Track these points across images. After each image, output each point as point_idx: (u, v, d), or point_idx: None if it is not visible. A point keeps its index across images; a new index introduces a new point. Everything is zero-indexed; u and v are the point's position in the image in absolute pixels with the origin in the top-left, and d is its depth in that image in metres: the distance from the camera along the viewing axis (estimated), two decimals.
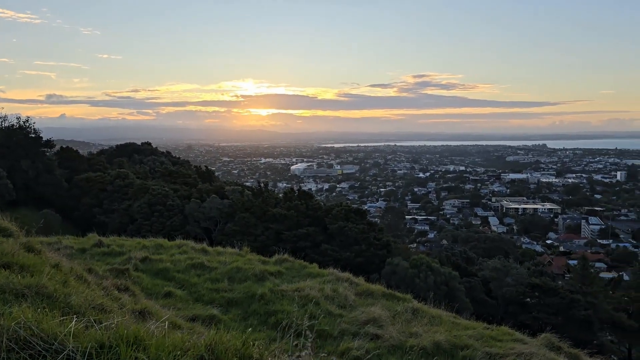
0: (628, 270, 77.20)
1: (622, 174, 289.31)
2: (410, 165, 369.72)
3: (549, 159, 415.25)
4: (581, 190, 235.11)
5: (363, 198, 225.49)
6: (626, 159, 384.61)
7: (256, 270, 13.38)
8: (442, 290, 32.68)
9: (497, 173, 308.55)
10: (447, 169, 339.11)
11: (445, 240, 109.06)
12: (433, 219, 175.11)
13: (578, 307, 39.25)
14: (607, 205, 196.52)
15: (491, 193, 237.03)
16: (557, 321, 36.50)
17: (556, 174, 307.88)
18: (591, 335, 38.43)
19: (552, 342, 9.87)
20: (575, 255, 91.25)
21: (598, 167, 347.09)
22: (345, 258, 38.08)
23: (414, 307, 11.47)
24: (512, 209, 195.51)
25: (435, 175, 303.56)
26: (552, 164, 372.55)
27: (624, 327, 41.28)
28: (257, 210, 45.21)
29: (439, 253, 54.37)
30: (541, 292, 41.23)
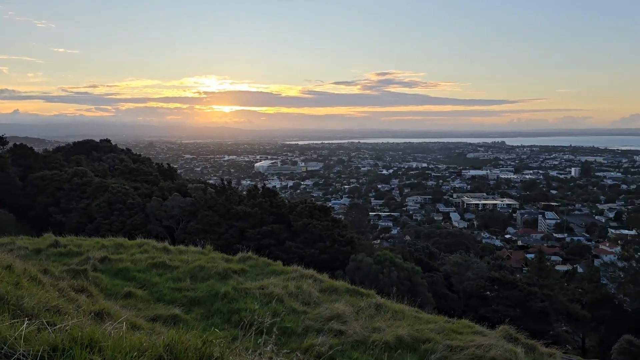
0: (582, 262, 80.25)
1: (576, 170, 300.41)
2: (374, 162, 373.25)
3: (508, 155, 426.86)
4: (538, 186, 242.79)
5: (327, 195, 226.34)
6: (580, 156, 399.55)
7: (219, 269, 13.23)
8: (405, 285, 33.12)
9: (458, 170, 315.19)
10: (410, 166, 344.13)
11: (409, 236, 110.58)
12: (396, 215, 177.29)
13: (535, 299, 40.53)
14: (562, 201, 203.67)
15: (452, 189, 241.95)
16: (515, 313, 37.60)
17: (514, 171, 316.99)
18: (547, 326, 39.75)
19: (510, 334, 10.14)
20: (532, 249, 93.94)
21: (554, 163, 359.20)
22: (309, 255, 38.13)
23: (378, 303, 11.58)
24: (473, 204, 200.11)
25: (399, 172, 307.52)
26: (510, 161, 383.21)
27: (578, 317, 42.88)
28: (220, 208, 44.72)
29: (402, 249, 55.09)
30: (500, 285, 42.37)
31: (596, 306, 44.32)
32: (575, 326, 45.64)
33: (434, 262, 51.05)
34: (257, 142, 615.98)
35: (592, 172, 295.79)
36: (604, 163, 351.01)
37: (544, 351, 9.89)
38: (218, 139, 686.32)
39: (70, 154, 73.86)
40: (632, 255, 47.60)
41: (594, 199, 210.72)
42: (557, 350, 10.60)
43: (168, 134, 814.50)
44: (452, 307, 36.82)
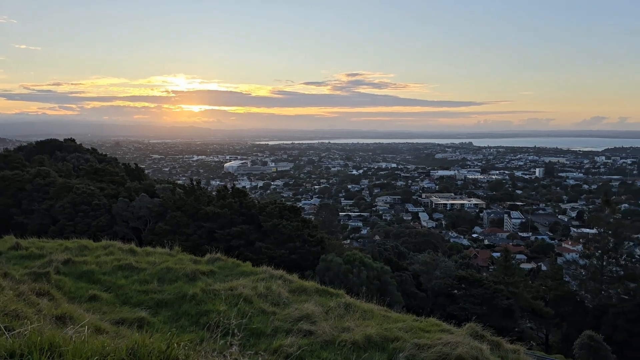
0: (545, 261, 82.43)
1: (540, 171, 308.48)
2: (344, 163, 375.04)
3: (475, 156, 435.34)
4: (504, 186, 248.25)
5: (297, 195, 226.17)
6: (544, 157, 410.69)
7: (187, 270, 13.06)
8: (374, 284, 33.37)
9: (426, 170, 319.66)
10: (380, 166, 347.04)
11: (378, 235, 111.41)
12: (366, 215, 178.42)
13: (501, 297, 41.40)
14: (527, 200, 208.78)
15: (421, 189, 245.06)
16: (482, 311, 38.32)
17: (481, 171, 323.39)
18: (512, 323, 40.67)
19: (476, 331, 10.31)
20: (498, 248, 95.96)
21: (519, 164, 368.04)
22: (279, 255, 38.00)
23: (347, 302, 11.63)
24: (441, 204, 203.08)
25: (368, 173, 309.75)
26: (477, 161, 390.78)
27: (542, 314, 44.02)
28: (189, 209, 44.14)
29: (372, 248, 55.48)
30: (467, 283, 43.12)
31: (559, 303, 45.59)
32: (539, 323, 46.82)
33: (403, 262, 51.56)
34: (226, 142, 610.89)
35: (555, 172, 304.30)
36: (567, 164, 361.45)
37: (508, 348, 10.09)
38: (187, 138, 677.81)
39: (32, 153, 71.65)
40: (592, 254, 49.10)
41: (557, 199, 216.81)
42: (521, 346, 10.84)
43: (135, 133, 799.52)
44: (420, 306, 37.30)
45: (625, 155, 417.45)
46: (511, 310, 40.89)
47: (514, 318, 41.52)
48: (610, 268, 48.40)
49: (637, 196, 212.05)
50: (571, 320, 43.97)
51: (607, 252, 48.01)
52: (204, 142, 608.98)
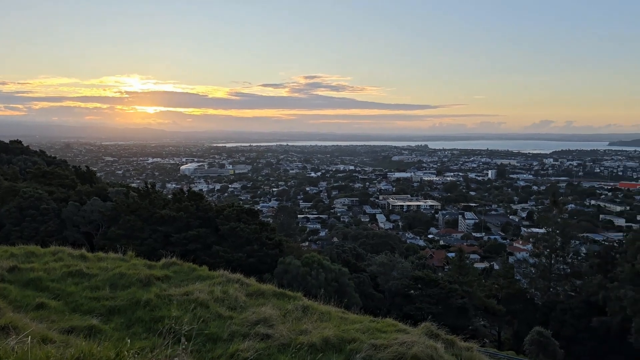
0: (498, 260, 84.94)
1: (492, 173, 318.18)
2: (302, 165, 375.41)
3: (430, 158, 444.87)
4: (458, 187, 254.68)
5: (256, 198, 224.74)
6: (496, 159, 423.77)
7: (141, 276, 12.73)
8: (332, 286, 33.51)
9: (384, 172, 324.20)
10: (338, 169, 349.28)
11: (336, 237, 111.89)
12: (324, 218, 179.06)
13: (455, 296, 42.41)
14: (480, 201, 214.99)
15: (379, 191, 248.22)
16: (437, 310, 39.14)
17: (436, 173, 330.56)
18: (467, 321, 41.71)
19: (432, 330, 10.50)
20: (453, 248, 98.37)
21: (472, 166, 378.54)
22: (237, 259, 37.62)
23: (305, 305, 11.61)
24: (398, 206, 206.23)
25: (327, 175, 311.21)
26: (433, 164, 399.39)
27: (495, 312, 45.37)
28: (143, 213, 43.07)
29: (330, 250, 55.72)
30: (423, 283, 43.96)
31: (510, 301, 47.08)
32: (492, 320, 48.22)
33: (361, 263, 52.01)
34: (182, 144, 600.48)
35: (506, 174, 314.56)
36: (517, 166, 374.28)
37: (462, 345, 10.32)
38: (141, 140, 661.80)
39: None
40: (541, 253, 50.95)
41: (508, 200, 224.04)
42: (474, 344, 11.10)
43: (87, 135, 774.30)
44: (378, 307, 37.70)
45: (572, 158, 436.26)
46: (465, 308, 41.92)
47: (468, 316, 42.60)
48: (558, 266, 50.35)
49: (582, 197, 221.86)
50: (522, 317, 45.46)
51: (555, 251, 49.93)
52: (160, 144, 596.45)
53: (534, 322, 40.59)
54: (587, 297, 43.48)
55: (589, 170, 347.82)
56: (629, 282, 38.69)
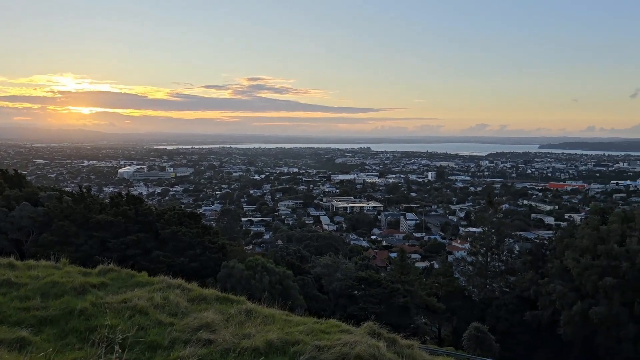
0: (438, 259, 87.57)
1: (432, 174, 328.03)
2: (246, 168, 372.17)
3: (373, 161, 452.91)
4: (400, 189, 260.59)
5: (198, 201, 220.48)
6: (435, 161, 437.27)
7: (76, 284, 12.19)
8: (276, 289, 33.39)
9: (327, 174, 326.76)
10: (282, 171, 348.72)
11: (281, 240, 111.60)
12: (269, 220, 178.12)
13: (398, 296, 43.30)
14: (421, 202, 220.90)
15: (323, 193, 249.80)
16: (380, 309, 39.82)
17: (379, 175, 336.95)
18: (408, 320, 42.69)
19: (374, 330, 10.69)
20: (395, 248, 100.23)
21: (413, 168, 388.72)
22: (179, 264, 36.73)
23: (248, 309, 11.52)
24: (342, 207, 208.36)
25: (271, 177, 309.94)
26: (375, 166, 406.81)
27: (435, 309, 46.69)
28: (78, 218, 41.19)
29: (275, 253, 55.48)
30: (367, 284, 44.60)
31: (450, 298, 48.62)
32: (433, 318, 49.59)
33: (305, 265, 52.11)
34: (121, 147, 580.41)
35: (445, 175, 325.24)
36: (455, 167, 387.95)
37: (403, 343, 10.57)
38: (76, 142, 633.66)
39: None
40: (478, 251, 52.93)
41: (447, 200, 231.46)
42: (415, 341, 11.40)
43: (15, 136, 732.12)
44: (322, 308, 37.92)
45: (506, 160, 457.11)
46: (407, 307, 42.89)
47: (410, 315, 43.61)
48: (494, 264, 52.50)
49: (515, 197, 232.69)
50: (460, 314, 47.03)
51: (491, 249, 52.03)
52: (96, 146, 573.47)
53: (472, 318, 42.08)
54: (520, 293, 45.58)
55: (522, 172, 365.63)
56: (558, 277, 40.93)
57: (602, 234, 39.37)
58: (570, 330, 38.48)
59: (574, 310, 37.96)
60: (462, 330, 39.11)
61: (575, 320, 38.03)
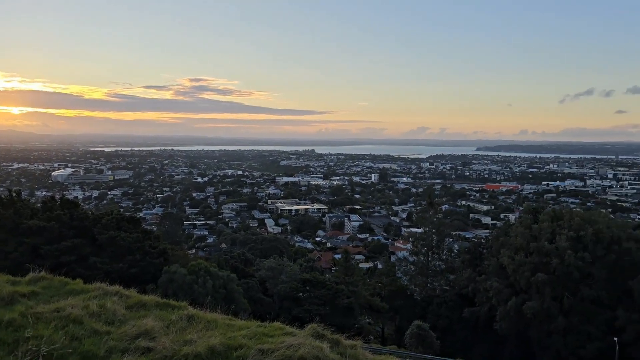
0: (381, 259, 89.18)
1: (375, 176, 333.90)
2: (189, 170, 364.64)
3: (317, 163, 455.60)
4: (344, 191, 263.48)
5: (138, 205, 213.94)
6: (378, 163, 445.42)
7: (3, 293, 11.47)
8: (220, 293, 32.92)
9: (272, 177, 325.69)
10: (226, 174, 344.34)
11: (225, 243, 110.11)
12: (212, 224, 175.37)
13: (342, 296, 43.73)
14: (365, 204, 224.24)
15: (267, 196, 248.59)
16: (325, 311, 40.07)
17: (323, 177, 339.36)
18: (353, 320, 43.22)
19: (318, 331, 10.71)
20: (339, 250, 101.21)
21: (357, 170, 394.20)
22: (117, 270, 35.44)
23: (190, 314, 11.26)
24: (286, 210, 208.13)
25: (214, 180, 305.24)
26: (320, 168, 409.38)
27: (378, 309, 47.51)
28: (7, 223, 38.89)
29: (218, 257, 54.71)
30: (311, 285, 44.76)
31: (393, 297, 49.63)
32: (376, 317, 50.44)
33: (250, 268, 51.70)
34: (54, 149, 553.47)
35: (388, 177, 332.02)
36: (398, 169, 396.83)
37: (347, 344, 10.66)
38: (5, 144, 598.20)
39: None
40: (419, 251, 54.39)
41: (390, 202, 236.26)
42: (359, 341, 11.53)
43: None
44: (267, 311, 37.74)
45: (445, 162, 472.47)
46: (351, 308, 43.38)
47: (354, 315, 44.14)
48: (434, 263, 54.11)
49: (455, 198, 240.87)
50: (403, 313, 48.10)
51: (432, 249, 53.60)
52: (27, 148, 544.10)
53: (414, 316, 43.16)
54: (460, 290, 47.19)
55: (460, 173, 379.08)
56: (494, 275, 42.69)
57: (534, 232, 41.43)
58: (506, 325, 40.22)
59: (509, 306, 39.71)
60: (404, 329, 40.00)
61: (510, 315, 39.80)
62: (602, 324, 37.64)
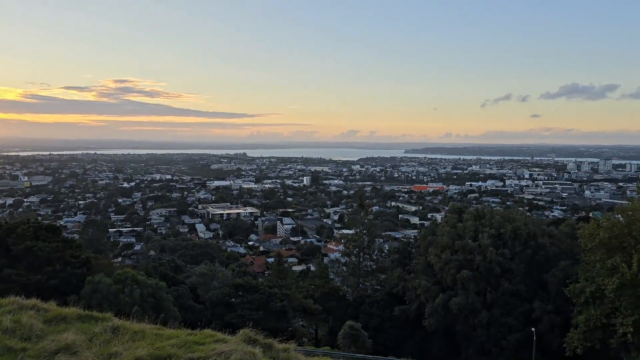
0: (314, 261, 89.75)
1: (307, 179, 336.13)
2: (114, 175, 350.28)
3: (249, 166, 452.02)
4: (276, 194, 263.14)
5: (58, 212, 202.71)
6: (310, 166, 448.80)
7: None
8: (149, 302, 31.82)
9: (202, 181, 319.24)
10: (154, 178, 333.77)
11: (153, 250, 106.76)
12: (140, 230, 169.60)
13: (275, 300, 43.54)
14: (297, 207, 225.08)
15: (198, 200, 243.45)
16: (258, 315, 39.74)
17: (255, 180, 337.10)
18: (286, 323, 43.15)
19: (250, 336, 10.62)
20: (272, 253, 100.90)
21: (289, 173, 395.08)
22: (35, 282, 33.33)
23: (115, 326, 10.80)
24: (218, 214, 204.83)
25: (141, 185, 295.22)
26: (251, 171, 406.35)
27: (312, 311, 47.74)
28: None
29: (146, 265, 52.89)
30: (244, 290, 44.25)
31: (326, 299, 50.07)
32: (310, 319, 50.64)
33: (180, 275, 50.40)
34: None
35: (320, 180, 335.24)
36: (329, 172, 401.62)
37: (279, 348, 10.64)
38: None
39: None
40: (351, 252, 55.26)
41: (322, 204, 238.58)
42: (292, 344, 11.54)
43: None
44: (198, 318, 36.81)
45: (375, 164, 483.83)
46: (285, 311, 43.30)
47: (288, 318, 44.09)
48: (366, 263, 55.17)
49: (385, 199, 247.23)
50: (336, 314, 48.62)
51: (363, 250, 54.61)
52: None
53: (347, 317, 43.75)
54: (390, 289, 48.39)
55: (390, 175, 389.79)
56: (423, 273, 44.18)
57: (459, 231, 43.31)
58: (434, 321, 41.72)
59: (436, 303, 41.24)
60: (338, 330, 40.45)
61: (438, 311, 41.33)
62: (521, 316, 39.92)
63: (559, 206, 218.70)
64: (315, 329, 51.49)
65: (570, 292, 33.90)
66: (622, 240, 31.37)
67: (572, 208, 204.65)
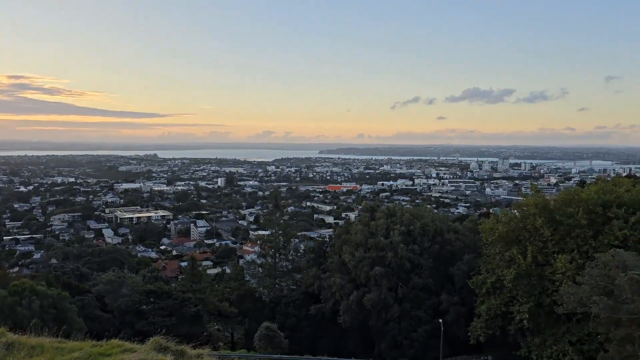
0: (229, 263, 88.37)
1: (222, 180, 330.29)
2: (8, 178, 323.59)
3: (160, 168, 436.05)
4: (190, 196, 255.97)
5: None
6: (225, 167, 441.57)
7: None
8: (49, 314, 29.78)
9: (110, 183, 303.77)
10: (55, 181, 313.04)
11: (55, 258, 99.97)
12: (39, 237, 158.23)
13: (189, 305, 42.42)
14: (212, 209, 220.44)
15: (104, 204, 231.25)
16: (171, 321, 38.54)
17: (167, 182, 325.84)
18: (201, 328, 42.20)
19: (161, 344, 10.31)
20: (186, 257, 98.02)
21: (203, 174, 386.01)
22: None
23: (9, 341, 10.03)
24: (127, 218, 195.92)
25: (41, 189, 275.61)
26: (163, 173, 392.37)
27: (227, 314, 47.03)
28: None
29: (47, 274, 49.40)
30: (156, 297, 42.67)
31: (242, 301, 49.55)
32: (226, 323, 49.89)
33: (85, 284, 47.70)
34: None
35: (235, 181, 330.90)
36: (244, 173, 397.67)
37: (192, 353, 10.42)
38: None
39: None
40: (267, 253, 55.09)
41: (237, 206, 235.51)
42: (206, 349, 11.34)
43: None
44: (106, 328, 35.03)
45: (290, 165, 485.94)
46: (199, 315, 42.35)
47: (203, 323, 43.16)
48: (282, 264, 55.27)
49: (300, 199, 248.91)
50: (252, 316, 48.30)
51: (279, 250, 54.66)
52: None
53: (263, 318, 43.58)
54: (306, 289, 48.89)
55: (305, 176, 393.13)
56: (337, 271, 45.07)
57: (372, 228, 44.69)
58: (349, 317, 42.74)
59: (350, 300, 42.29)
60: (254, 332, 40.18)
61: (352, 308, 42.41)
62: (429, 309, 41.99)
63: (463, 203, 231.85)
64: (231, 332, 50.80)
65: (473, 284, 36.29)
66: (518, 233, 34.05)
67: (475, 205, 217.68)
